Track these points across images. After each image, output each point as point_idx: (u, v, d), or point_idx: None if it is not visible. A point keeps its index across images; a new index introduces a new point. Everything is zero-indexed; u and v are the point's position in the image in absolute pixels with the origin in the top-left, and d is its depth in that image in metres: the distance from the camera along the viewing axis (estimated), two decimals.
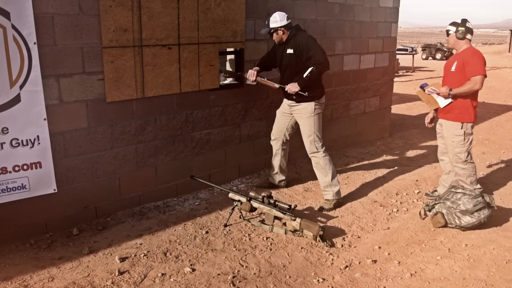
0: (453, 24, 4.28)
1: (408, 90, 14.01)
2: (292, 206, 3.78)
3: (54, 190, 3.60)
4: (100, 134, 3.86)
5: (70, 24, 3.50)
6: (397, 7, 7.09)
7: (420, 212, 4.16)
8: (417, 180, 5.36)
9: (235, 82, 4.89)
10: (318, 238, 3.61)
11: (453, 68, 4.26)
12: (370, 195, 4.82)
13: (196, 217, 4.14)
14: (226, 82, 4.89)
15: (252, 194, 3.88)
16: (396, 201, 4.69)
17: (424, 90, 4.41)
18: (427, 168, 5.87)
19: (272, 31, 4.27)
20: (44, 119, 3.45)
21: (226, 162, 4.97)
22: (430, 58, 30.16)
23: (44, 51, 3.39)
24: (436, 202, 4.01)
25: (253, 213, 4.06)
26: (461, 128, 4.25)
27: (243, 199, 3.90)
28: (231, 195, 4.00)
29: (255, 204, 3.86)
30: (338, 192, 4.46)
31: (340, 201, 4.47)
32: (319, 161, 4.44)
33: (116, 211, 4.10)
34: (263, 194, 3.90)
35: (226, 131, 4.87)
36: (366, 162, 6.12)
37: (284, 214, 3.73)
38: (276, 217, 3.82)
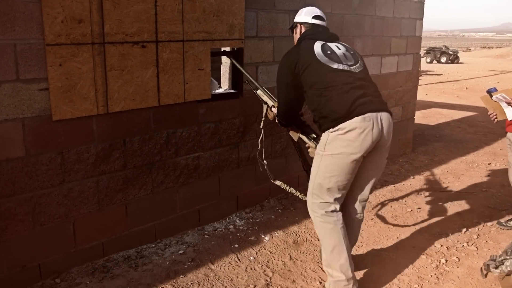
0: None
1: (420, 96, 12.94)
2: None
3: None
4: (45, 165, 2.79)
5: None
6: (422, 1, 6.03)
7: (481, 269, 3.07)
8: (460, 213, 4.28)
9: (232, 91, 3.81)
10: None
11: None
12: (405, 237, 3.74)
13: (179, 275, 3.06)
14: (221, 91, 3.81)
15: None
16: (442, 245, 3.61)
17: (491, 96, 3.48)
18: (466, 194, 4.80)
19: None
20: None
21: (221, 193, 3.89)
22: (434, 61, 29.13)
23: None
24: (508, 256, 2.93)
25: None
26: None
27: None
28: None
29: None
30: (337, 284, 2.79)
31: None
32: (315, 225, 2.91)
33: (69, 268, 3.02)
34: None
35: (220, 154, 3.79)
36: (391, 186, 5.04)
37: None
38: None
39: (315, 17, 3.02)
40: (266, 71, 4.03)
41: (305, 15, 3.02)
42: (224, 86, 3.82)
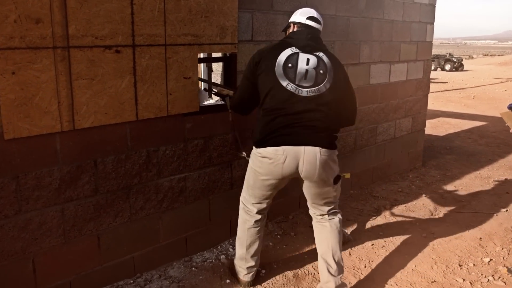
0: None
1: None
2: None
3: None
4: None
5: None
6: (433, 4, 5.59)
7: None
8: (480, 238, 3.81)
9: (224, 102, 3.35)
10: None
11: None
12: (422, 269, 3.27)
13: None
14: (211, 102, 3.35)
15: None
16: (464, 280, 3.13)
17: None
18: (486, 216, 4.32)
19: None
20: None
21: (211, 218, 3.42)
22: (438, 69, 28.68)
23: None
24: None
25: None
26: None
27: None
28: None
29: None
30: (236, 262, 3.07)
31: None
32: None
33: None
34: None
35: (210, 174, 3.33)
36: (402, 206, 4.56)
37: None
38: None
39: (310, 18, 2.77)
40: None
41: (300, 15, 2.80)
42: (215, 97, 3.37)
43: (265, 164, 2.62)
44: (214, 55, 3.44)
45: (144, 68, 2.77)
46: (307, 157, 2.55)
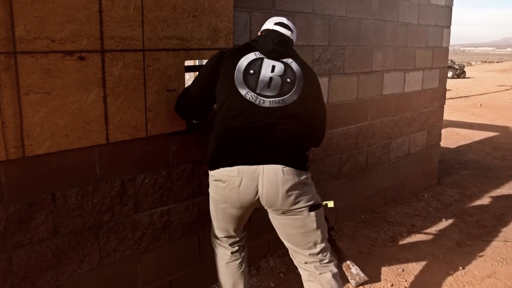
0: None
1: None
2: None
3: None
4: None
5: None
6: (450, 6, 5.07)
7: None
8: None
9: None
10: None
11: None
12: None
13: None
14: None
15: None
16: None
17: None
18: None
19: None
20: None
21: (202, 256, 2.87)
22: None
23: None
24: None
25: None
26: None
27: None
28: None
29: None
30: None
31: None
32: None
33: None
34: None
35: (200, 205, 2.78)
36: (421, 234, 4.01)
37: None
38: None
39: (278, 23, 2.38)
40: None
41: (269, 22, 2.42)
42: None
43: (220, 189, 2.17)
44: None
45: (117, 78, 2.23)
46: (266, 177, 2.07)
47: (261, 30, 2.42)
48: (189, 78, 3.24)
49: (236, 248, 2.43)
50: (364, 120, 4.05)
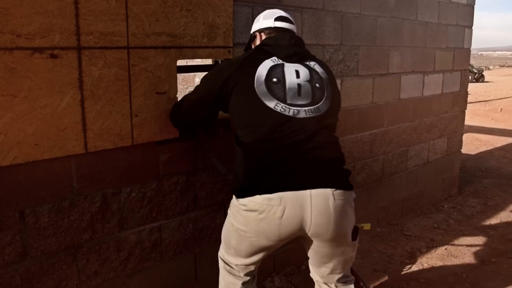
0: None
1: None
2: None
3: None
4: None
5: None
6: (472, 4, 4.73)
7: None
8: None
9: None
10: None
11: None
12: None
13: None
14: None
15: None
16: None
17: None
18: None
19: None
20: None
21: (198, 277, 2.58)
22: None
23: None
24: None
25: None
26: None
27: None
28: None
29: None
30: None
31: None
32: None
33: None
34: None
35: (196, 220, 2.50)
36: (441, 248, 3.68)
37: None
38: None
39: (279, 18, 2.10)
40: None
41: (264, 19, 2.13)
42: None
43: (252, 220, 1.80)
44: (200, 62, 2.61)
45: (96, 80, 1.96)
46: (316, 205, 1.73)
47: (259, 30, 2.12)
48: (183, 79, 2.98)
49: (248, 278, 2.09)
50: (379, 126, 3.74)
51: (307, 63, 1.97)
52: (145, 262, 2.32)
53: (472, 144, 8.23)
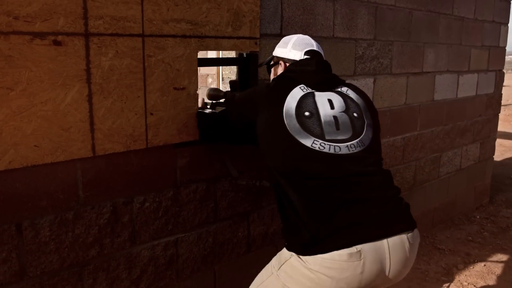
0: None
1: None
2: None
3: None
4: None
5: None
6: (509, 0, 4.42)
7: None
8: None
9: None
10: None
11: None
12: None
13: None
14: None
15: None
16: None
17: None
18: None
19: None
20: None
21: None
22: None
23: None
24: None
25: None
26: None
27: None
28: None
29: None
30: None
31: None
32: None
33: None
34: None
35: (216, 233, 2.22)
36: (480, 265, 3.37)
37: None
38: None
39: (308, 53, 1.80)
40: None
41: (293, 48, 1.83)
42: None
43: (327, 282, 1.43)
44: (224, 54, 2.33)
45: (106, 71, 1.69)
46: (394, 254, 1.46)
47: (285, 58, 1.84)
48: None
49: None
50: (412, 129, 3.44)
51: (339, 89, 1.70)
52: (160, 281, 2.04)
53: (496, 150, 7.87)
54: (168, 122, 1.90)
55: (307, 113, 1.58)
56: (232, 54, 2.29)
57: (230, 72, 2.26)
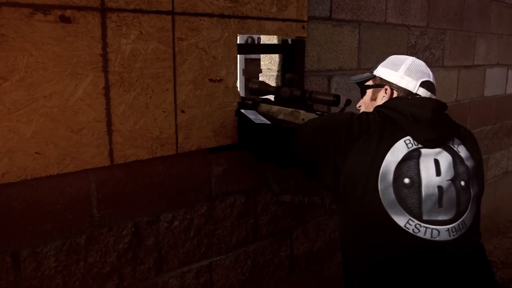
0: None
1: None
2: None
3: None
4: None
5: None
6: None
7: None
8: None
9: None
10: None
11: None
12: None
13: None
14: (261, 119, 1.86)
15: None
16: None
17: None
18: None
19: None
20: None
21: None
22: None
23: None
24: None
25: None
26: None
27: None
28: None
29: None
30: None
31: None
32: None
33: None
34: None
35: (256, 254, 1.86)
36: None
37: None
38: None
39: (425, 84, 1.41)
40: (346, 87, 2.10)
41: (407, 74, 1.41)
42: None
43: None
44: (264, 39, 1.95)
45: (128, 58, 1.32)
46: None
47: (394, 84, 1.43)
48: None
49: None
50: None
51: (450, 145, 1.31)
52: None
53: None
54: (202, 122, 1.53)
55: (407, 180, 1.23)
56: (273, 40, 1.92)
57: (271, 63, 1.89)
